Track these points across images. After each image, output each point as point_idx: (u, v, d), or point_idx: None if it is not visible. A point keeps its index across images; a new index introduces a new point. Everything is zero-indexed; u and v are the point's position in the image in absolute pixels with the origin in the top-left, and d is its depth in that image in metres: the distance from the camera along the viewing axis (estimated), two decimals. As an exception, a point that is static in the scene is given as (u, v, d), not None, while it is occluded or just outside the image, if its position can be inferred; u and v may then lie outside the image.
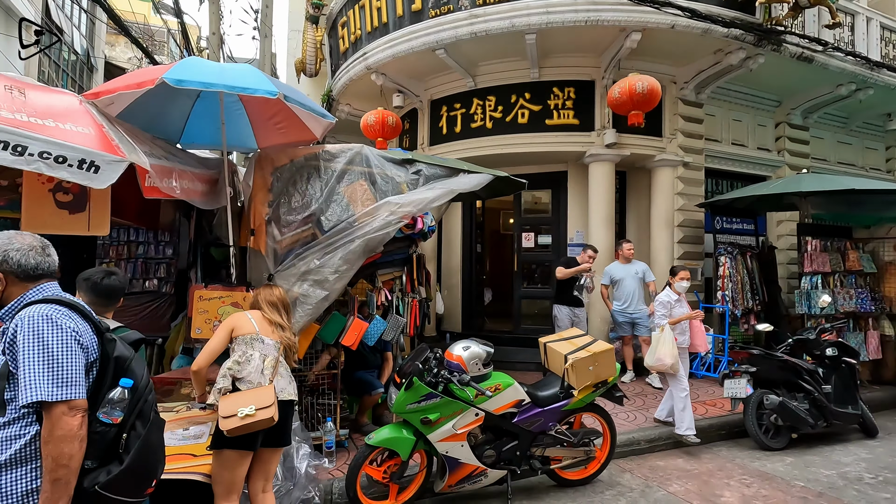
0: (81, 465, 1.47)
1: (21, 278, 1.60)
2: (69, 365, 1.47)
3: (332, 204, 3.75)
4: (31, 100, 2.65)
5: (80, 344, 1.52)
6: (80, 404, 1.48)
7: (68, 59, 14.71)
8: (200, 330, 3.54)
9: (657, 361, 4.29)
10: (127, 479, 1.52)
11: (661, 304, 4.47)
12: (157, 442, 1.66)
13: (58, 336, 1.48)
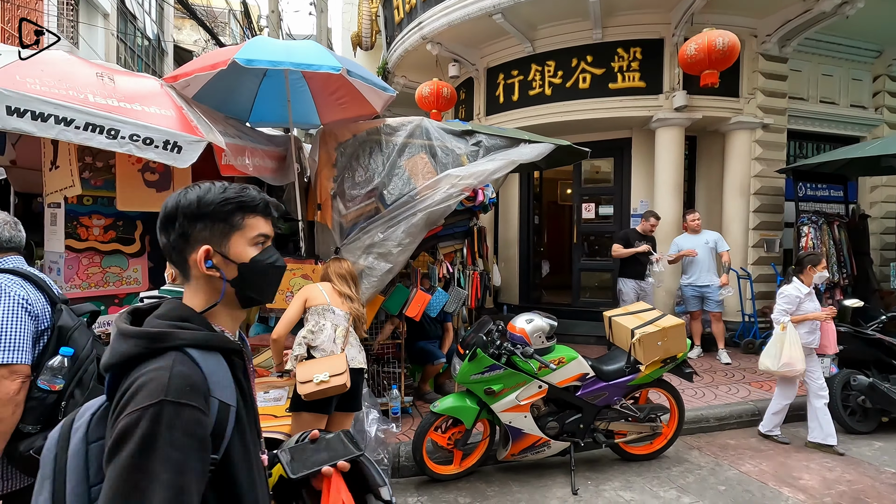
0: (20, 429, 1.50)
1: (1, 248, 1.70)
2: (13, 331, 1.50)
3: (393, 178, 3.80)
4: (119, 85, 2.83)
5: (28, 312, 1.55)
6: (22, 370, 1.50)
7: (141, 44, 15.57)
8: (274, 300, 3.74)
9: (785, 367, 3.63)
10: None
11: (787, 297, 3.76)
12: None
13: (7, 303, 1.51)
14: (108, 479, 0.77)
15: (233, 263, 0.97)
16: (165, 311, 0.93)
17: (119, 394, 0.83)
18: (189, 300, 0.98)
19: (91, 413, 0.91)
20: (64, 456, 0.87)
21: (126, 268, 3.54)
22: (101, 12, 13.03)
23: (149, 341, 0.86)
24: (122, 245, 3.49)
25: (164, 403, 0.79)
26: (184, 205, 0.95)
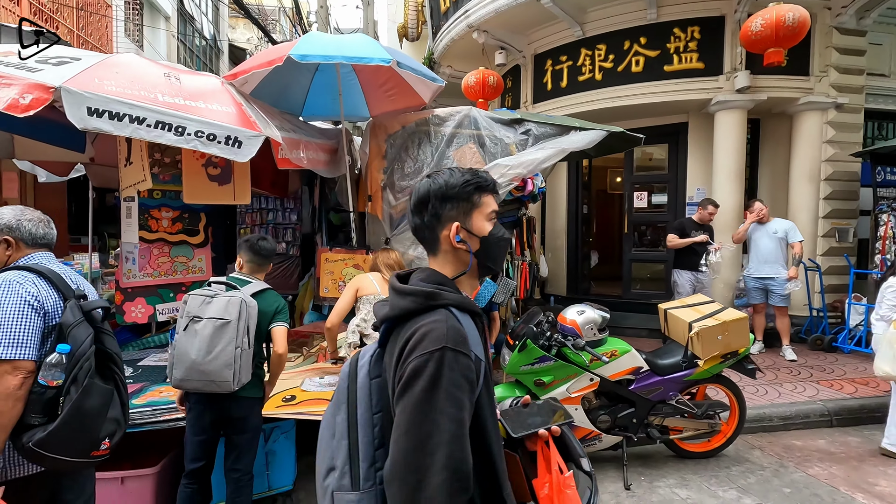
0: (25, 420, 1.54)
1: (28, 244, 1.76)
2: (17, 327, 1.54)
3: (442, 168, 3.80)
4: (184, 84, 2.98)
5: (35, 310, 1.58)
6: (26, 365, 1.54)
7: (199, 44, 16.32)
8: (328, 289, 3.86)
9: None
10: (58, 440, 1.55)
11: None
12: (95, 408, 1.63)
13: (13, 301, 1.55)
14: (403, 409, 0.92)
15: (475, 237, 1.11)
16: (426, 276, 1.08)
17: (402, 341, 0.98)
18: (440, 269, 1.12)
19: (370, 356, 1.08)
20: (354, 387, 1.05)
21: (192, 257, 3.76)
22: (163, 15, 13.74)
23: (424, 298, 1.00)
24: (188, 236, 3.70)
25: (445, 349, 0.93)
26: (434, 189, 1.10)
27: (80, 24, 10.61)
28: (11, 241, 1.73)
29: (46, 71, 2.50)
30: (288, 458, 2.97)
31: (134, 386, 3.05)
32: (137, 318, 3.57)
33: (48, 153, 3.53)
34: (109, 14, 11.50)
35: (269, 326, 2.48)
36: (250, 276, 2.60)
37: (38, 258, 1.76)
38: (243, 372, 2.33)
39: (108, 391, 1.70)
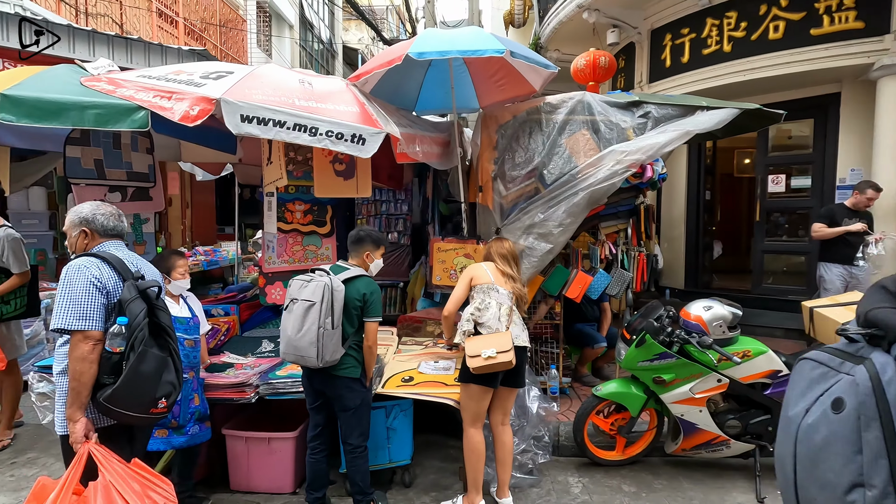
0: (100, 381, 1.86)
1: (101, 235, 2.08)
2: (86, 304, 1.85)
3: (553, 157, 3.74)
4: (315, 88, 3.26)
5: (99, 289, 1.88)
6: (94, 335, 1.85)
7: (317, 48, 17.63)
8: (440, 277, 4.01)
9: None
10: (119, 397, 1.86)
11: None
12: (150, 371, 1.91)
13: (81, 282, 1.86)
14: None
15: None
16: None
17: None
18: None
19: (893, 371, 1.07)
20: (885, 404, 1.04)
21: (320, 246, 4.13)
22: (288, 24, 15.04)
23: None
24: (317, 227, 4.06)
25: None
26: None
27: (222, 40, 12.04)
28: (88, 232, 2.07)
29: (209, 85, 2.89)
30: (406, 435, 3.17)
31: (275, 359, 3.46)
32: (276, 300, 4.02)
33: (206, 155, 4.10)
34: (245, 28, 12.88)
35: (363, 316, 2.65)
36: (351, 263, 2.82)
37: (108, 246, 2.08)
38: (327, 351, 2.51)
39: (161, 358, 1.98)
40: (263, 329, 4.08)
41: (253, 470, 3.11)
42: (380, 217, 6.80)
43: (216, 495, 3.05)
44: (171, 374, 2.02)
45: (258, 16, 13.77)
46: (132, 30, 8.98)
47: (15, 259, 3.45)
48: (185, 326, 2.88)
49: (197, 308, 3.05)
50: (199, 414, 2.86)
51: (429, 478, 3.28)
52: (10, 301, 3.55)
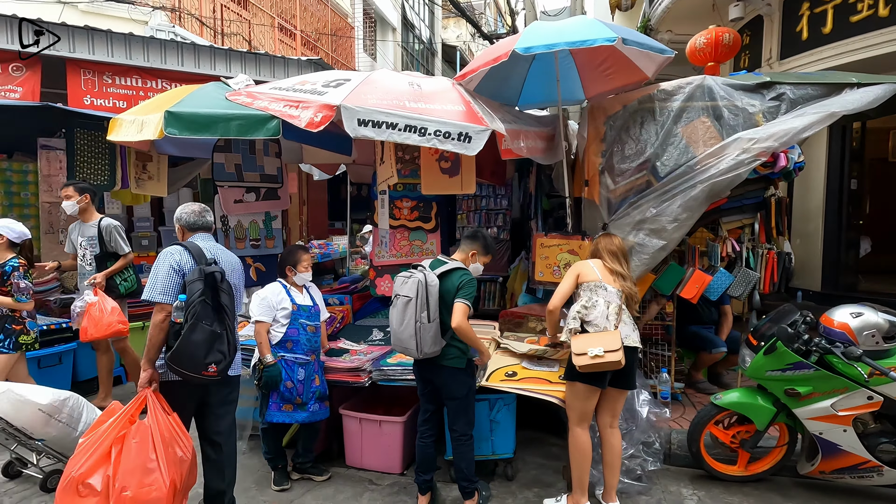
0: (168, 344, 2.30)
1: (188, 230, 2.60)
2: (164, 282, 2.32)
3: (668, 147, 3.51)
4: (424, 89, 3.38)
5: (176, 271, 2.35)
6: (167, 308, 2.31)
7: (418, 48, 18.19)
8: (542, 273, 3.97)
9: None
10: (175, 358, 2.25)
11: None
12: (199, 340, 2.27)
13: (165, 265, 2.35)
14: None
15: None
16: None
17: None
18: None
19: None
20: None
21: (425, 241, 4.30)
22: (391, 27, 15.71)
23: None
24: (423, 223, 4.24)
25: None
26: None
27: (332, 47, 12.92)
28: (180, 228, 2.64)
29: (330, 93, 3.13)
30: (509, 429, 3.20)
31: (385, 347, 3.68)
32: (385, 292, 4.27)
33: (324, 157, 4.45)
34: (353, 35, 13.69)
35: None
36: (453, 258, 2.88)
37: (195, 238, 2.57)
38: (425, 343, 2.61)
39: (209, 331, 2.31)
40: (373, 318, 4.35)
41: (366, 449, 3.35)
42: (480, 212, 6.90)
43: (333, 468, 3.33)
44: (223, 346, 2.36)
45: (364, 22, 14.55)
46: (259, 45, 10.00)
47: (123, 242, 4.02)
48: (308, 314, 3.17)
49: (318, 297, 3.35)
50: (320, 394, 3.15)
51: (531, 473, 3.29)
52: (127, 279, 4.16)
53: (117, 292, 4.05)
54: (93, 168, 4.50)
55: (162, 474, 2.19)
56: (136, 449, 2.21)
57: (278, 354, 3.00)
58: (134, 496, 2.14)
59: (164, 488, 2.18)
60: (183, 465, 2.31)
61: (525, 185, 5.87)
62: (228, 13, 9.54)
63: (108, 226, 4.01)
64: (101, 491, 2.14)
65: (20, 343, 3.50)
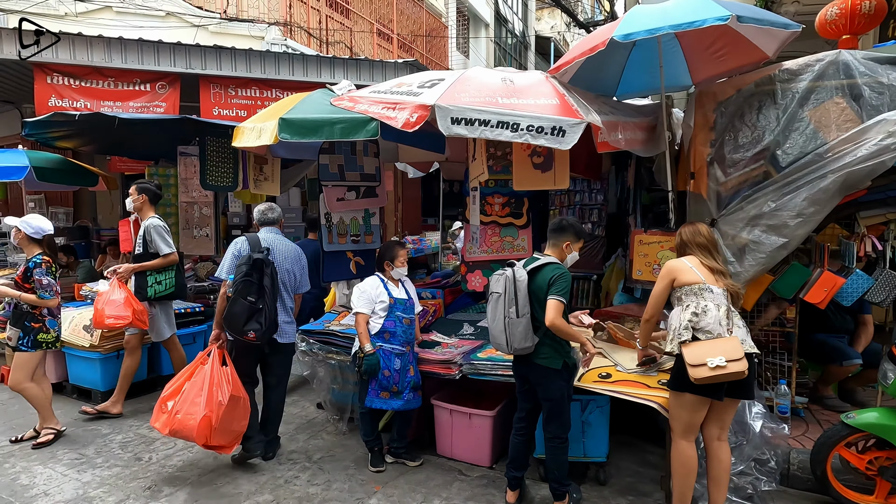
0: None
1: (259, 224, 3.50)
2: (229, 264, 3.23)
3: (791, 134, 3.14)
4: (517, 84, 3.36)
5: (236, 256, 3.21)
6: (228, 284, 3.18)
7: (510, 42, 18.01)
8: (641, 272, 3.77)
9: None
10: (226, 322, 3.09)
11: None
12: (237, 312, 3.02)
13: (230, 251, 3.26)
14: None
15: None
16: None
17: None
18: None
19: None
20: None
21: (516, 237, 4.28)
22: (484, 23, 15.74)
23: None
24: (514, 219, 4.22)
25: None
26: None
27: (427, 48, 13.26)
28: (255, 223, 3.53)
29: (424, 93, 3.23)
30: (602, 431, 3.10)
31: (476, 342, 3.73)
32: (476, 287, 4.33)
33: (418, 155, 4.62)
34: (446, 34, 13.93)
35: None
36: (546, 253, 2.81)
37: (262, 231, 3.45)
38: (514, 338, 2.61)
39: (247, 305, 3.03)
40: (464, 313, 4.43)
41: (455, 439, 3.43)
42: (573, 207, 6.68)
43: (425, 455, 3.46)
44: (261, 318, 3.05)
45: (457, 20, 14.73)
46: (359, 51, 10.57)
47: (162, 243, 3.94)
48: (403, 307, 3.32)
49: (412, 291, 3.49)
50: (414, 383, 3.28)
51: (624, 480, 3.15)
52: (161, 282, 4.03)
53: (144, 294, 3.95)
54: (220, 171, 5.08)
55: (200, 409, 2.95)
56: (192, 387, 3.05)
57: (376, 344, 3.18)
58: (181, 420, 2.97)
59: (197, 420, 2.93)
60: (220, 408, 2.98)
61: (623, 178, 5.58)
62: (332, 23, 10.20)
63: (149, 225, 3.97)
64: (170, 411, 3.02)
65: (39, 341, 3.48)
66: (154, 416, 3.10)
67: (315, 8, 9.70)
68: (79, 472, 3.30)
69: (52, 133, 5.12)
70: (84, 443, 3.69)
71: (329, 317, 4.13)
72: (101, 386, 4.33)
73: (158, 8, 8.21)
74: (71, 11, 7.82)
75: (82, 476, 3.25)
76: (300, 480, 3.21)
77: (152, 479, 3.23)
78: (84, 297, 5.24)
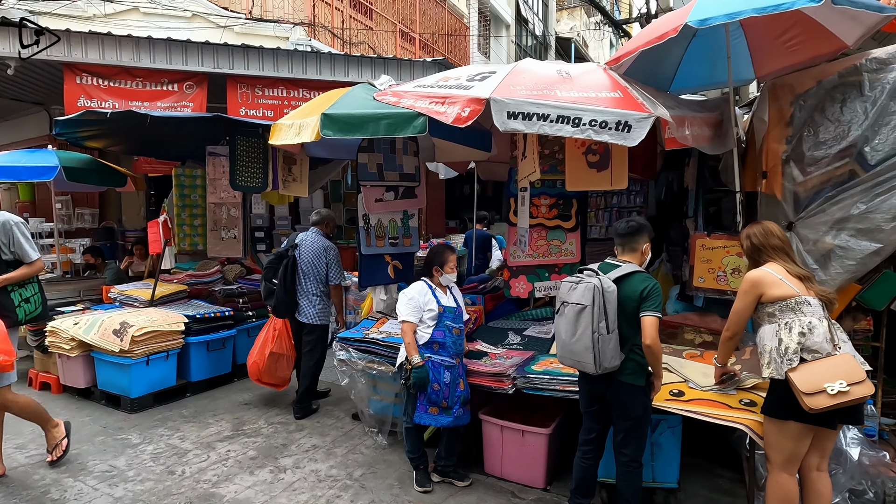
0: None
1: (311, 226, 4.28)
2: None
3: (882, 129, 2.86)
4: (574, 77, 3.13)
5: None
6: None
7: (530, 43, 17.76)
8: (703, 279, 3.51)
9: None
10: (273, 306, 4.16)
11: None
12: (262, 290, 4.22)
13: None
14: None
15: None
16: None
17: None
18: None
19: None
20: None
21: (564, 241, 4.04)
22: (505, 24, 15.53)
23: None
24: (562, 221, 3.98)
25: None
26: None
27: (448, 49, 13.09)
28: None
29: (476, 87, 3.02)
30: (673, 454, 2.84)
31: (525, 353, 3.49)
32: (520, 293, 4.09)
33: (459, 154, 4.39)
34: (468, 34, 13.75)
35: (639, 313, 2.37)
36: (623, 259, 2.56)
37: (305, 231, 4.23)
38: (605, 356, 2.34)
39: (268, 287, 4.15)
40: (507, 321, 4.19)
41: (506, 458, 3.19)
42: (610, 210, 6.44)
43: (473, 475, 3.23)
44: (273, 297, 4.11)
45: (479, 21, 14.54)
46: (382, 51, 10.43)
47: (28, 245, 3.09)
48: (453, 315, 3.10)
49: (461, 299, 3.27)
50: (464, 398, 3.05)
51: (697, 507, 2.89)
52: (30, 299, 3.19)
53: (14, 317, 3.06)
54: (250, 171, 4.92)
55: (255, 356, 4.23)
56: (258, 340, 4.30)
57: (425, 356, 2.97)
58: (252, 361, 4.22)
59: (251, 363, 4.23)
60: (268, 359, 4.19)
61: (667, 178, 5.31)
62: (355, 24, 10.08)
63: (6, 221, 3.03)
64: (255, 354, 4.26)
65: None
66: None
67: (339, 9, 9.59)
68: (110, 485, 3.14)
69: (82, 132, 5.01)
70: (115, 453, 3.54)
71: (367, 323, 3.93)
72: (130, 392, 4.19)
73: (185, 9, 8.14)
74: (99, 13, 7.79)
75: (114, 490, 3.08)
76: (342, 501, 3.00)
77: (186, 495, 3.05)
78: (112, 299, 5.12)
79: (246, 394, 4.69)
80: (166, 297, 5.00)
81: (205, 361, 4.65)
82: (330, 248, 4.12)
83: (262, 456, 3.52)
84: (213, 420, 4.12)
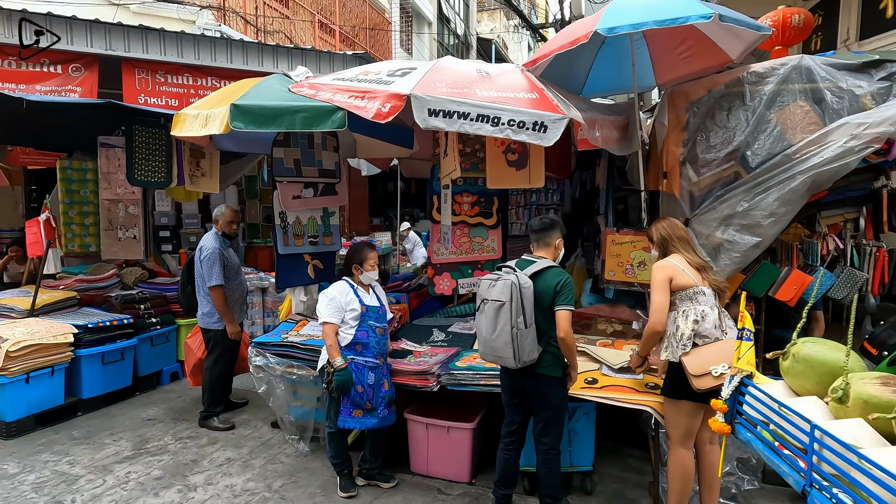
0: None
1: None
2: None
3: (760, 135, 3.21)
4: (493, 77, 3.18)
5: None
6: None
7: (452, 43, 17.95)
8: (614, 272, 3.73)
9: None
10: None
11: None
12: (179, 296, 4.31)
13: None
14: None
15: None
16: None
17: None
18: None
19: None
20: None
21: (486, 238, 4.11)
22: (427, 21, 15.54)
23: None
24: (484, 218, 4.05)
25: None
26: None
27: (370, 43, 12.85)
28: None
29: (397, 82, 2.97)
30: (588, 439, 3.00)
31: (450, 350, 3.51)
32: (444, 291, 4.11)
33: (380, 151, 4.31)
34: (390, 29, 13.59)
35: (554, 307, 2.48)
36: (538, 255, 2.66)
37: None
38: (523, 350, 2.41)
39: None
40: (431, 318, 4.20)
41: (432, 455, 3.20)
42: (529, 208, 6.64)
43: (399, 475, 3.20)
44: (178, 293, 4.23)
45: (401, 17, 14.43)
46: (300, 42, 10.00)
47: None
48: (376, 315, 3.04)
49: (384, 298, 3.21)
50: (389, 398, 3.01)
51: (610, 487, 3.07)
52: None
53: None
54: (150, 165, 4.50)
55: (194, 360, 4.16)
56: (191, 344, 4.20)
57: (348, 357, 2.88)
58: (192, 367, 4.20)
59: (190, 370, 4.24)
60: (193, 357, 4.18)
61: (581, 178, 5.60)
62: (270, 11, 9.57)
63: None
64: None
65: None
66: None
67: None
68: (-21, 526, 2.73)
69: (-66, 117, 4.29)
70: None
71: (286, 326, 3.75)
72: (5, 416, 3.66)
73: (69, -20, 7.26)
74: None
75: (-16, 531, 2.68)
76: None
77: (77, 527, 2.72)
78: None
79: (150, 409, 4.29)
80: (50, 305, 4.43)
81: (99, 375, 4.19)
82: (203, 248, 3.76)
83: (168, 475, 3.23)
84: (111, 440, 3.72)
